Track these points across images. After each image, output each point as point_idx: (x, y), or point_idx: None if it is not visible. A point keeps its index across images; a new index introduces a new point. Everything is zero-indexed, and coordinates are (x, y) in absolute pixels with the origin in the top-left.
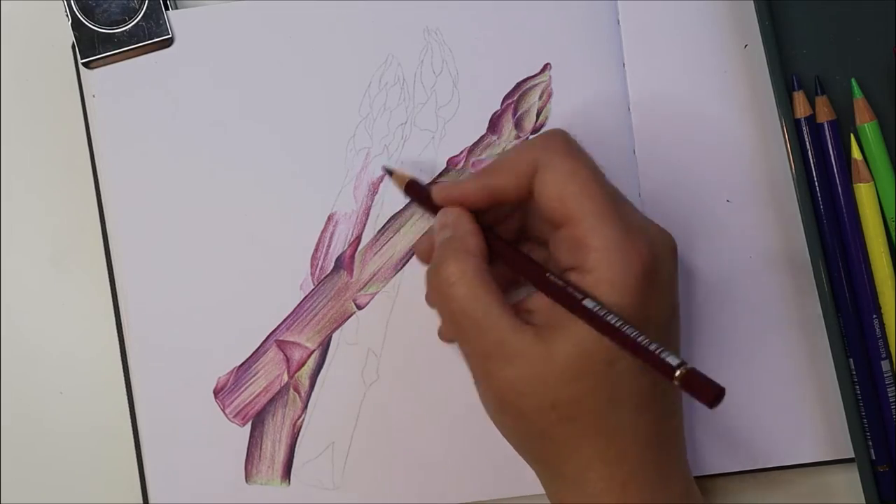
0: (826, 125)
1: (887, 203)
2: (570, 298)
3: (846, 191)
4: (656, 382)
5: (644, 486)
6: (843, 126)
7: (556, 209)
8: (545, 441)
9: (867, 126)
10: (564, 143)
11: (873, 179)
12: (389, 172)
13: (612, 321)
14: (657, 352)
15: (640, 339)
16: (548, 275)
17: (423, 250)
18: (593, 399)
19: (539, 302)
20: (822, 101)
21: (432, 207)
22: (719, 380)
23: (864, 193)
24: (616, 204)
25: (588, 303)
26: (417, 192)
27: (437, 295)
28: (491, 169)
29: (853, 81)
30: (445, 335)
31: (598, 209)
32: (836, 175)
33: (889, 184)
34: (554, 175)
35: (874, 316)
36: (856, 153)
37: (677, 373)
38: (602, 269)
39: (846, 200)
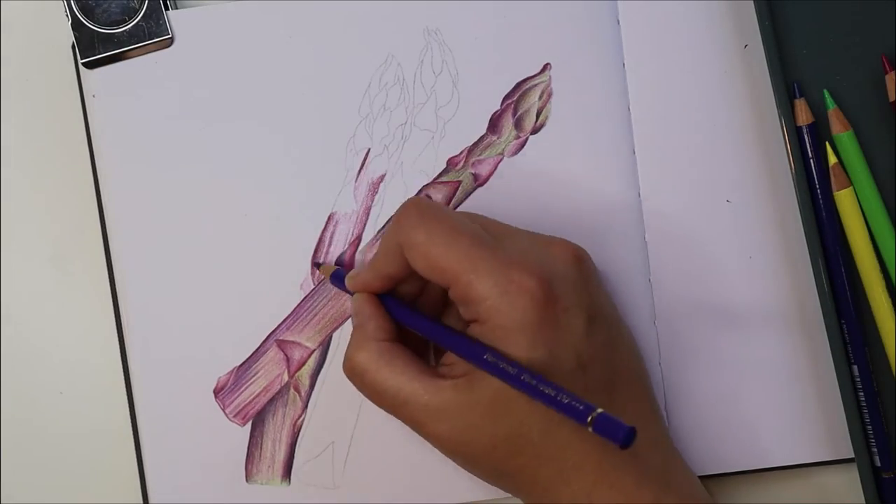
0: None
1: (870, 209)
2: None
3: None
4: (593, 397)
5: (612, 491)
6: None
7: (433, 277)
8: (504, 477)
9: (844, 135)
10: (416, 212)
11: (852, 185)
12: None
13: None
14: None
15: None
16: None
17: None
18: (527, 431)
19: (451, 357)
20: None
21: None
22: (720, 379)
23: (845, 199)
24: (486, 245)
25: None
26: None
27: (355, 385)
28: (376, 255)
29: (826, 93)
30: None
31: (467, 262)
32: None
33: (871, 189)
34: (416, 248)
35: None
36: (831, 158)
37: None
38: (492, 317)
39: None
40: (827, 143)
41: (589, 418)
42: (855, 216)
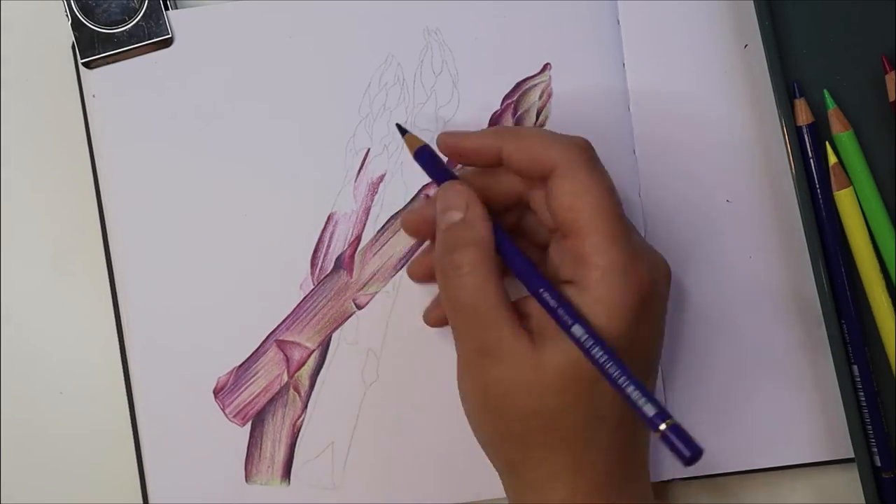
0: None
1: (870, 209)
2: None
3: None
4: (631, 415)
5: (604, 497)
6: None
7: (566, 220)
8: (519, 446)
9: (844, 135)
10: (587, 155)
11: (852, 184)
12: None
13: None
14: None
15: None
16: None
17: (418, 272)
18: (575, 413)
19: (535, 308)
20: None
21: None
22: (720, 379)
23: (845, 199)
24: (625, 226)
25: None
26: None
27: (445, 280)
28: (510, 135)
29: (826, 93)
30: (435, 321)
31: (607, 228)
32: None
33: (871, 189)
34: (571, 185)
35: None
36: (831, 158)
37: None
38: (601, 289)
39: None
40: (827, 143)
41: (662, 425)
42: (855, 216)
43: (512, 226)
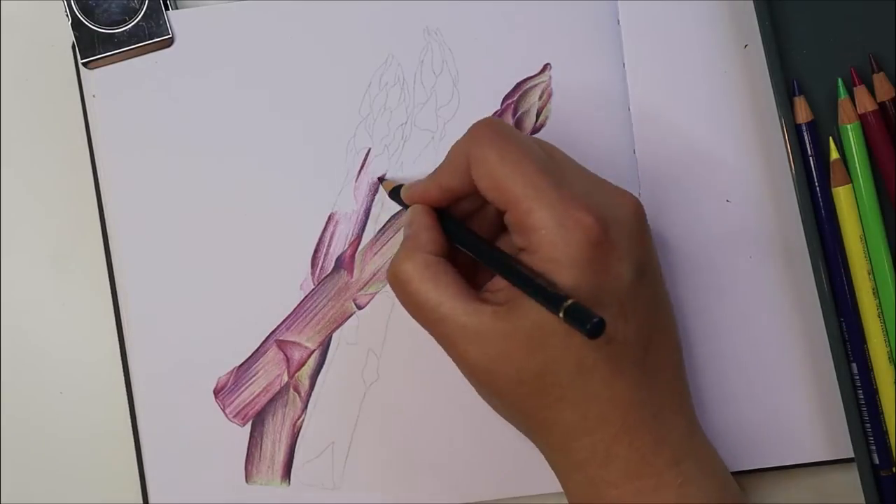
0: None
1: (865, 208)
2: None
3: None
4: (629, 349)
5: (631, 449)
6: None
7: (494, 198)
8: (524, 415)
9: (850, 126)
10: (490, 131)
11: (851, 181)
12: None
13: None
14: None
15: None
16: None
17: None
18: (558, 370)
19: (500, 282)
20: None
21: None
22: (720, 379)
23: (843, 196)
24: (552, 178)
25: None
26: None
27: (396, 293)
28: (439, 168)
29: (839, 81)
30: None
31: (531, 189)
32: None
33: (869, 186)
34: (484, 166)
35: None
36: (833, 153)
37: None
38: (545, 247)
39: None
40: (830, 138)
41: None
42: (851, 214)
43: (494, 220)
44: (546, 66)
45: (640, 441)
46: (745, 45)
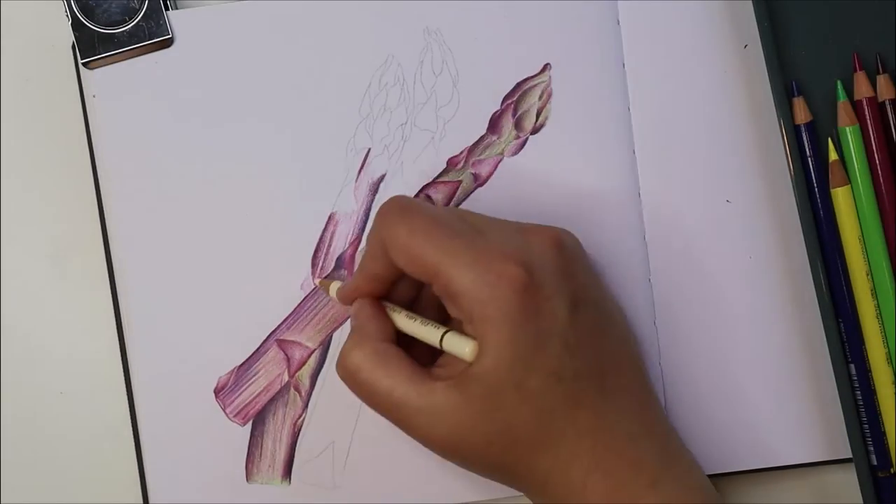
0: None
1: (864, 209)
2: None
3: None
4: (583, 382)
5: (607, 477)
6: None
7: (415, 273)
8: (501, 472)
9: (850, 129)
10: (395, 210)
11: (850, 183)
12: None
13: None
14: (424, 324)
15: (417, 324)
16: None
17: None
18: (521, 424)
19: (447, 356)
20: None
21: None
22: (719, 379)
23: (841, 197)
24: (464, 237)
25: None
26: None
27: (347, 385)
28: (363, 259)
29: (838, 83)
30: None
31: (446, 255)
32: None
33: (868, 187)
34: (397, 244)
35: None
36: (832, 154)
37: (441, 339)
38: (475, 310)
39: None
40: (829, 139)
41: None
42: (850, 215)
43: (411, 300)
44: (546, 66)
45: (614, 468)
46: (745, 46)
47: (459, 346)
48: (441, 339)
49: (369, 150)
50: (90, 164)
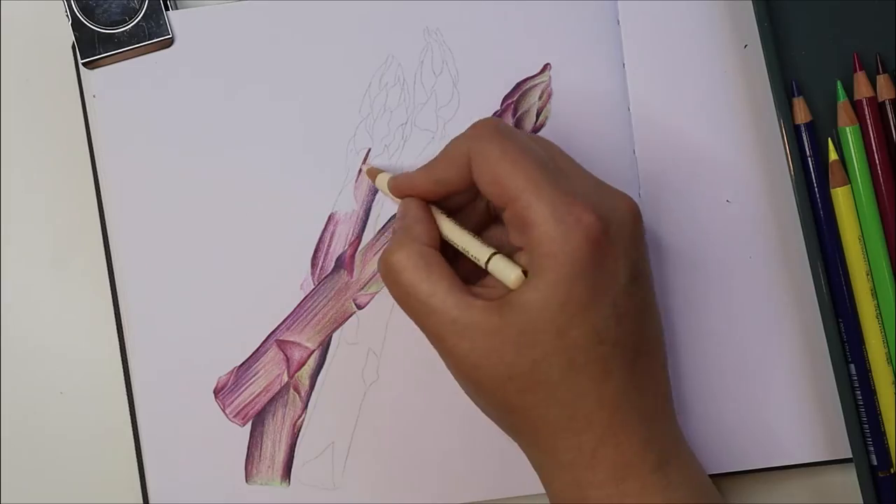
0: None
1: (864, 209)
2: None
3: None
4: (619, 351)
5: (617, 451)
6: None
7: (493, 193)
8: (511, 413)
9: (850, 129)
10: (492, 128)
11: (850, 182)
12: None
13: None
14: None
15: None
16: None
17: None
18: (547, 369)
19: (492, 278)
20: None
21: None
22: (719, 379)
23: (841, 197)
24: (553, 175)
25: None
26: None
27: (386, 283)
28: (435, 161)
29: (838, 83)
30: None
31: (531, 185)
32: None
33: (867, 187)
34: (486, 161)
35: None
36: (832, 154)
37: (489, 260)
38: (544, 243)
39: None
40: (829, 139)
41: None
42: (850, 214)
43: (483, 213)
44: (546, 66)
45: (626, 443)
46: (745, 46)
47: (506, 270)
48: (488, 260)
49: (369, 150)
50: (90, 164)
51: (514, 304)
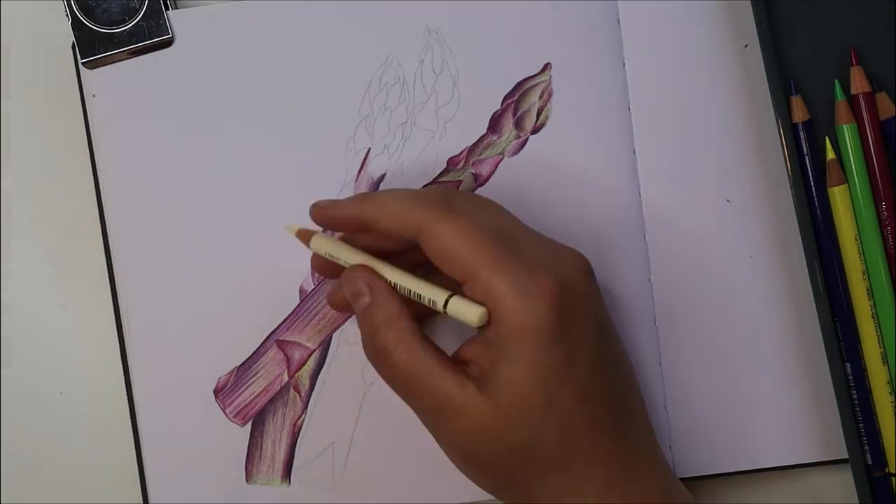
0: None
1: (860, 208)
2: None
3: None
4: (605, 405)
5: (622, 500)
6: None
7: (450, 270)
8: (512, 484)
9: (847, 127)
10: (443, 203)
11: (847, 182)
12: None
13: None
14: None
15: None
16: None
17: (338, 302)
18: (544, 438)
19: (471, 351)
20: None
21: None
22: (719, 379)
23: (838, 196)
24: (507, 247)
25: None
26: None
27: (378, 366)
28: (371, 204)
29: (836, 83)
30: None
31: (489, 260)
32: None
33: (864, 186)
34: (439, 240)
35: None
36: (829, 154)
37: (447, 302)
38: (509, 316)
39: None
40: (827, 139)
41: (447, 306)
42: (846, 214)
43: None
44: (546, 66)
45: (626, 492)
46: (745, 45)
47: (468, 310)
48: (446, 302)
49: (369, 149)
50: (90, 164)
51: (498, 382)
